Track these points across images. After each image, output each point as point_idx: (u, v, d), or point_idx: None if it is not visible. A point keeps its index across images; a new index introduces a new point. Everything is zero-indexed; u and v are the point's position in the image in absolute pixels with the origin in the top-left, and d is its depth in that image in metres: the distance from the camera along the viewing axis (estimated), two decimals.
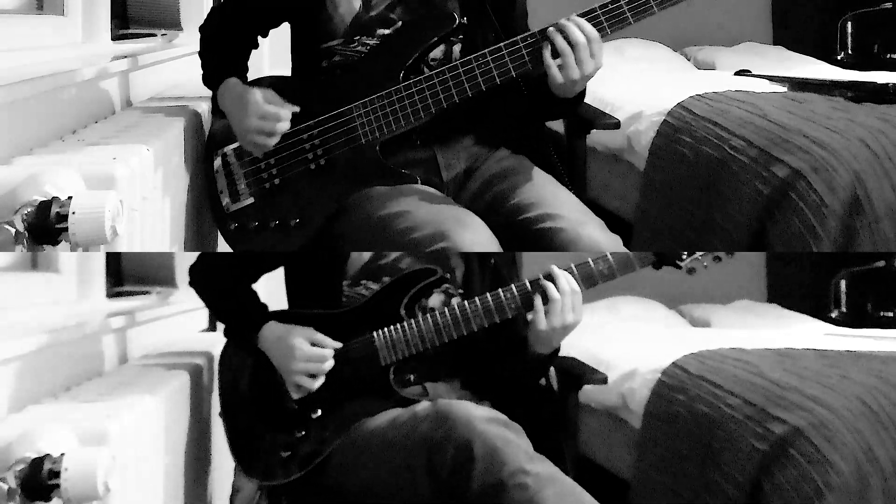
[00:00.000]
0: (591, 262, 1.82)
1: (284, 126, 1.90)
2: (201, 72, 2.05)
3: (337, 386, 1.88)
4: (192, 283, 2.05)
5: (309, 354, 1.87)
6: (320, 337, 1.88)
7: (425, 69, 1.93)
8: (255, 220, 1.98)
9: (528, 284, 1.83)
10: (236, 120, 1.95)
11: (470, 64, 1.86)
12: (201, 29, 2.07)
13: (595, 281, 1.83)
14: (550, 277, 1.82)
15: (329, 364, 1.87)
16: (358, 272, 1.95)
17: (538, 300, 1.81)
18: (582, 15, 1.82)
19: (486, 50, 1.85)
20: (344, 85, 1.94)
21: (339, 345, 1.88)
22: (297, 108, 1.91)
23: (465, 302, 1.85)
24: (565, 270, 1.82)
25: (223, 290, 2.02)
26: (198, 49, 2.07)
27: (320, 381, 1.88)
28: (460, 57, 1.94)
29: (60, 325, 1.90)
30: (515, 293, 1.83)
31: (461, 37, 1.97)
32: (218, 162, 2.02)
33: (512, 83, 1.92)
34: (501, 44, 1.84)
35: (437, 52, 1.96)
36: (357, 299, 1.93)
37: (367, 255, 1.95)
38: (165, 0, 2.57)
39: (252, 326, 1.93)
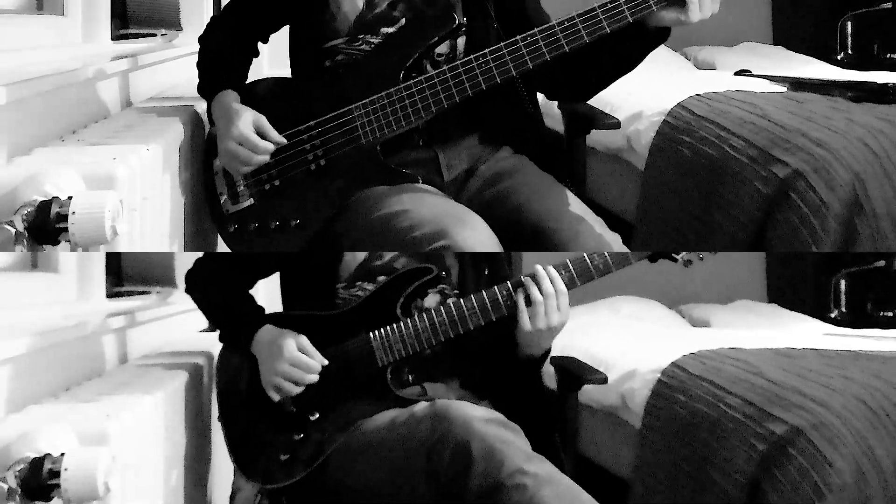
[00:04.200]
0: (587, 258, 1.82)
1: (262, 159, 1.92)
2: (197, 81, 2.04)
3: (334, 388, 1.88)
4: (188, 290, 2.05)
5: (296, 359, 1.86)
6: (311, 349, 1.87)
7: (428, 66, 1.93)
8: (255, 222, 1.98)
9: (514, 283, 1.82)
10: (220, 135, 1.95)
11: (470, 64, 1.85)
12: (200, 40, 2.06)
13: (591, 276, 1.82)
14: (535, 278, 1.81)
15: (312, 378, 1.86)
16: (353, 274, 1.94)
17: (521, 301, 1.81)
18: (582, 15, 1.81)
19: (486, 49, 1.85)
20: (344, 85, 1.94)
21: (325, 361, 1.87)
22: (284, 141, 1.92)
23: (461, 300, 1.85)
24: (559, 266, 1.82)
25: (220, 295, 2.01)
26: (196, 59, 2.05)
27: (300, 388, 1.87)
28: (464, 52, 1.94)
29: (60, 325, 1.90)
30: (511, 290, 1.83)
31: (464, 31, 1.97)
32: (218, 163, 2.01)
33: (512, 83, 1.92)
34: (502, 43, 1.84)
35: (443, 48, 1.96)
36: (353, 301, 1.92)
37: (361, 257, 1.94)
38: (165, 0, 2.57)
39: (249, 331, 1.92)
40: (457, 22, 1.91)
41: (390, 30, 1.96)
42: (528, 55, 1.82)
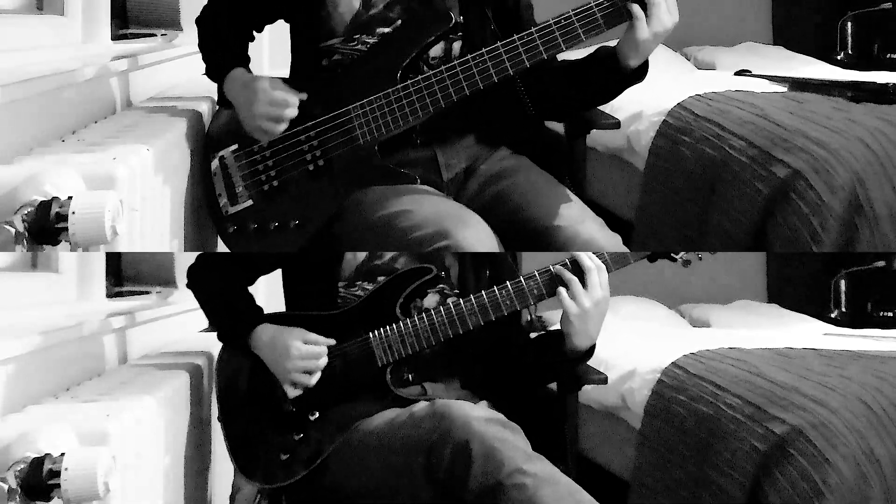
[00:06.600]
0: None
1: (292, 112, 1.92)
2: (204, 66, 2.04)
3: (334, 387, 1.88)
4: (189, 285, 2.05)
5: (304, 352, 1.87)
6: (314, 336, 1.89)
7: (424, 68, 1.94)
8: (254, 223, 1.98)
9: (536, 275, 1.82)
10: (244, 107, 1.95)
11: (467, 63, 1.85)
12: (198, 21, 2.07)
13: None
14: (567, 263, 1.81)
15: (324, 361, 1.88)
16: (353, 273, 1.95)
17: (561, 287, 1.80)
18: (578, 12, 1.81)
19: (483, 49, 1.85)
20: (342, 85, 1.94)
21: (332, 341, 1.88)
22: (304, 96, 1.92)
23: (461, 300, 1.85)
24: (562, 263, 1.82)
25: (219, 290, 2.01)
26: (197, 43, 2.06)
27: (316, 377, 1.88)
28: (460, 55, 1.94)
29: (60, 325, 1.90)
30: (510, 289, 1.83)
31: (460, 35, 1.97)
32: (215, 164, 2.02)
33: (511, 83, 1.92)
34: (499, 43, 1.84)
35: (437, 51, 1.96)
36: (353, 300, 1.93)
37: (361, 256, 1.95)
38: (165, 0, 2.57)
39: (245, 328, 1.92)
40: (454, 21, 1.91)
41: (386, 30, 1.96)
42: (525, 54, 1.83)
